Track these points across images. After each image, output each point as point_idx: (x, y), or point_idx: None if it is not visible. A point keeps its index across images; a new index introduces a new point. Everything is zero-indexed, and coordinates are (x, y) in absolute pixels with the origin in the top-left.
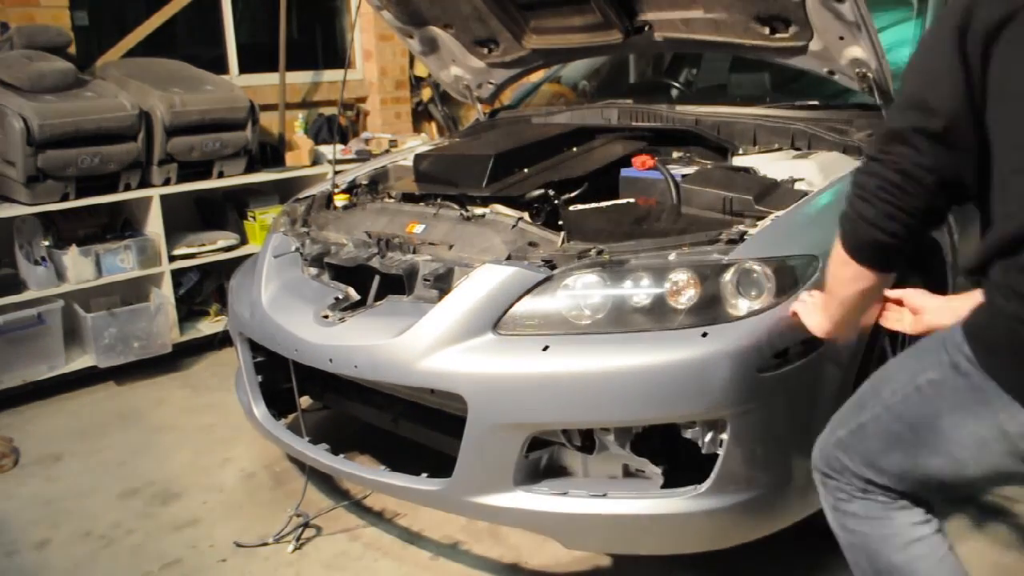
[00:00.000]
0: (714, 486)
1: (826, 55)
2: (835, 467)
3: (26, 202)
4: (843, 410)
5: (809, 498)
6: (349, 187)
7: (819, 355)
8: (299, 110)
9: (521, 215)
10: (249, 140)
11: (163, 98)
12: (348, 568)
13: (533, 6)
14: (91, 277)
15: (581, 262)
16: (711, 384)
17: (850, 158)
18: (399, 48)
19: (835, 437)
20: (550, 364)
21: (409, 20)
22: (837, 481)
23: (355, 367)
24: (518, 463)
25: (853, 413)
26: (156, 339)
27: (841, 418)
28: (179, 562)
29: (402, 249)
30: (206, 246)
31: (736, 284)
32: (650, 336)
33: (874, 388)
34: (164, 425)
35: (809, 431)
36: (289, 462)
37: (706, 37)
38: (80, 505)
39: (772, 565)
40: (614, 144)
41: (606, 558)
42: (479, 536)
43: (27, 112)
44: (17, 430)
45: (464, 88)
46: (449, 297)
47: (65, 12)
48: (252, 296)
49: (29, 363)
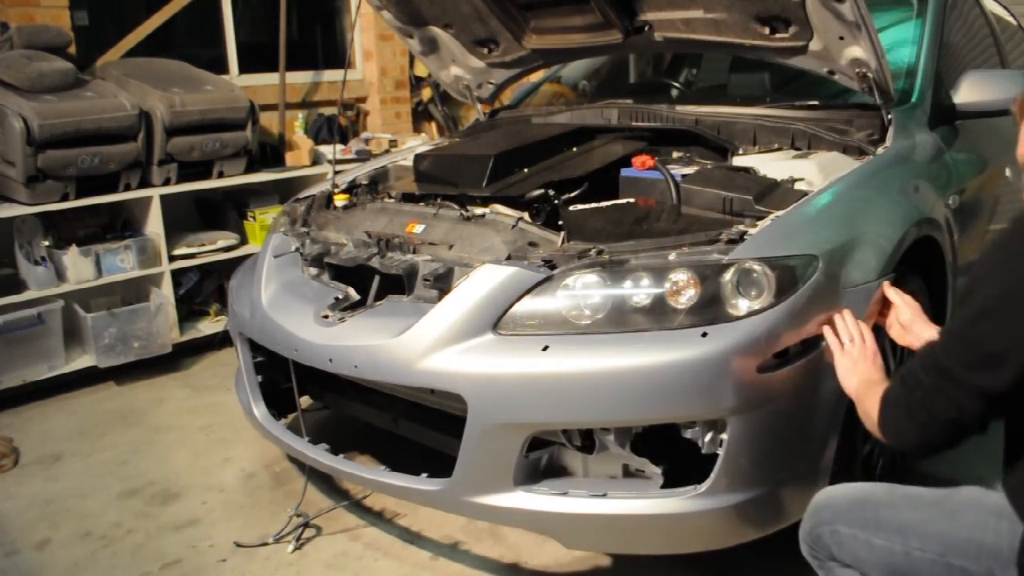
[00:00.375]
0: (714, 486)
1: (826, 55)
2: (820, 547)
3: (26, 202)
4: (851, 501)
5: (809, 497)
6: (349, 187)
7: (819, 355)
8: (299, 110)
9: (521, 215)
10: (249, 140)
11: (163, 98)
12: (348, 568)
13: (533, 6)
14: (91, 277)
15: (581, 262)
16: (711, 384)
17: (850, 158)
18: (399, 48)
19: (833, 528)
20: (550, 364)
21: (409, 20)
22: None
23: (355, 367)
24: (518, 463)
25: (864, 521)
26: (156, 339)
27: (847, 511)
28: (179, 562)
29: (402, 249)
30: (206, 246)
31: (736, 284)
32: (650, 336)
33: (900, 518)
34: (164, 425)
35: (809, 431)
36: (289, 462)
37: (706, 37)
38: (80, 505)
39: (772, 565)
40: (614, 144)
41: (606, 558)
42: (479, 536)
43: (27, 112)
44: (17, 430)
45: (464, 88)
46: (449, 297)
47: (65, 12)
48: (252, 296)
49: (29, 363)
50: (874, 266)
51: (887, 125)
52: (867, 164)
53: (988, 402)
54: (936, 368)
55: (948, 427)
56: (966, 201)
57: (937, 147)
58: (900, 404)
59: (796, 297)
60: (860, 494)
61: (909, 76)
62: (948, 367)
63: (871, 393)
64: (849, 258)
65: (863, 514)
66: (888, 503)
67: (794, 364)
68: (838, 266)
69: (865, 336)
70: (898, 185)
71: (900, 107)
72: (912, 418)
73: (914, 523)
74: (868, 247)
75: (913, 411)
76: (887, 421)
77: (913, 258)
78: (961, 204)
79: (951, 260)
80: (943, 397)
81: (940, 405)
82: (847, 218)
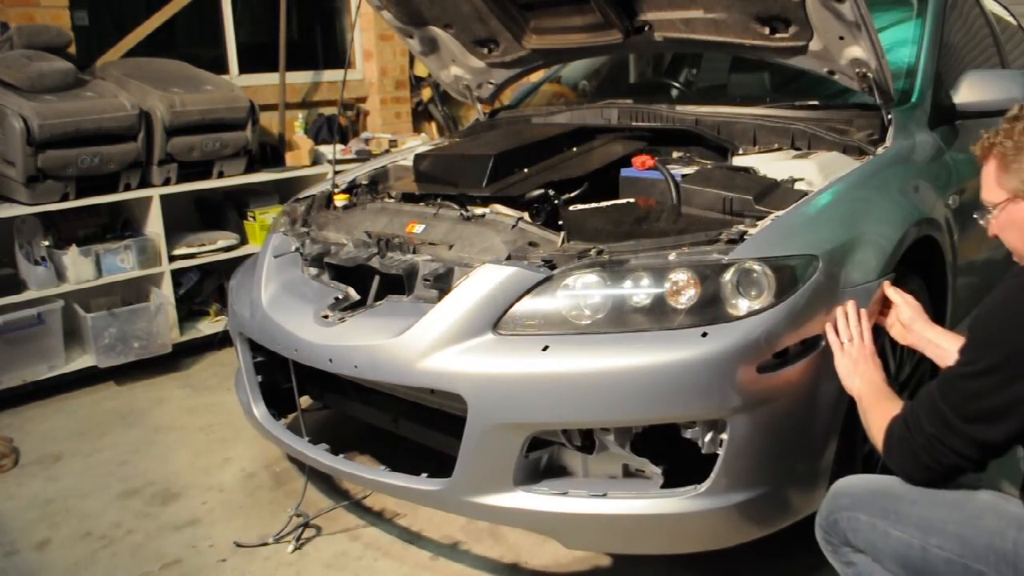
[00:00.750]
0: (714, 486)
1: (826, 55)
2: (835, 532)
3: (26, 202)
4: (871, 491)
5: (809, 497)
6: (349, 187)
7: (819, 355)
8: (299, 110)
9: (521, 215)
10: (249, 140)
11: (163, 98)
12: (348, 568)
13: (533, 6)
14: (91, 277)
15: (581, 262)
16: (711, 384)
17: (850, 158)
18: (399, 48)
19: (851, 515)
20: (550, 364)
21: (409, 20)
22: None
23: (355, 367)
24: (518, 463)
25: (883, 510)
26: (156, 339)
27: (867, 500)
28: (179, 562)
29: (402, 249)
30: (206, 246)
31: (736, 284)
32: (650, 336)
33: (920, 514)
34: (164, 425)
35: (809, 431)
36: (289, 462)
37: (706, 37)
38: (80, 505)
39: (772, 564)
40: (614, 144)
41: (606, 558)
42: (479, 536)
43: (27, 112)
44: (17, 430)
45: (464, 88)
46: (449, 297)
47: (65, 12)
48: (252, 296)
49: (29, 363)
50: (874, 266)
51: (887, 125)
52: (867, 164)
53: (986, 451)
54: (938, 416)
55: (951, 470)
56: (966, 201)
57: (937, 147)
58: (904, 445)
59: (796, 297)
60: (880, 485)
61: (909, 76)
62: (948, 418)
63: (875, 406)
64: (849, 258)
65: (882, 504)
66: (909, 498)
67: (794, 364)
68: (838, 266)
69: (864, 336)
70: (898, 185)
71: (900, 107)
72: (916, 460)
73: (934, 521)
74: (868, 247)
75: (917, 455)
76: (891, 455)
77: (913, 258)
78: (961, 204)
79: (951, 260)
80: (943, 446)
81: (941, 453)
82: (847, 218)
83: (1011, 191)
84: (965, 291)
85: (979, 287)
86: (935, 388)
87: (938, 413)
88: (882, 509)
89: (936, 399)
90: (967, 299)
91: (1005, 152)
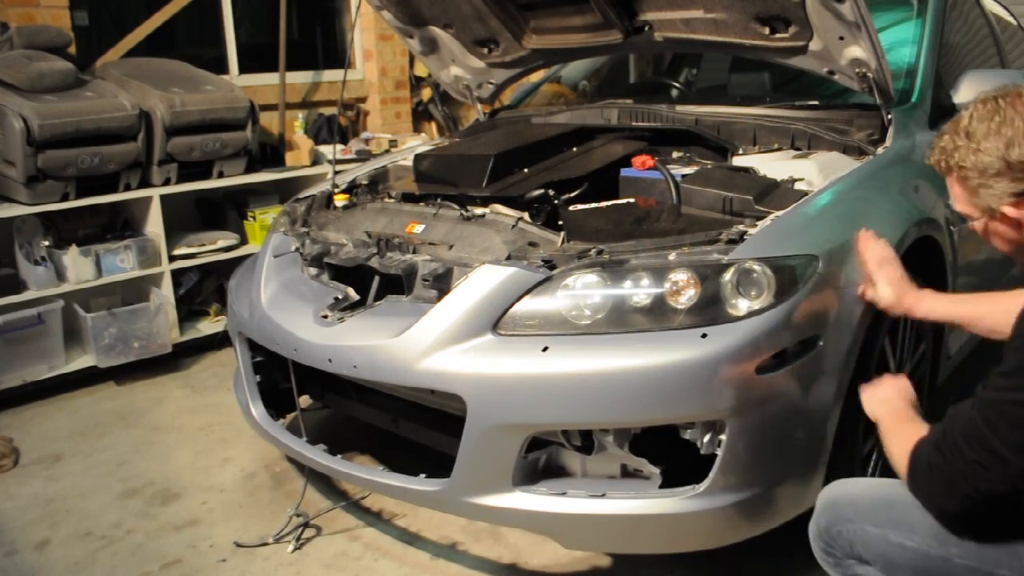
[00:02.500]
0: (712, 486)
1: (826, 55)
2: (837, 544)
3: (26, 202)
4: (877, 500)
5: (805, 496)
6: (349, 187)
7: (817, 355)
8: (299, 110)
9: (521, 215)
10: (249, 140)
11: (163, 98)
12: (348, 568)
13: (533, 6)
14: (91, 277)
15: (581, 262)
16: (710, 384)
17: (850, 158)
18: (399, 48)
19: (858, 527)
20: (550, 364)
21: (409, 20)
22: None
23: (354, 367)
24: (517, 463)
25: (894, 521)
26: (156, 339)
27: (873, 511)
28: (179, 562)
29: (402, 249)
30: (206, 246)
31: (736, 284)
32: (650, 336)
33: (936, 523)
34: (164, 425)
35: (807, 431)
36: (289, 462)
37: (706, 37)
38: (80, 505)
39: (770, 563)
40: (614, 144)
41: (605, 558)
42: (478, 536)
43: (27, 112)
44: (17, 430)
45: (464, 88)
46: (448, 297)
47: (65, 12)
48: (252, 296)
49: (29, 363)
50: None
51: (887, 125)
52: (867, 164)
53: None
54: (981, 444)
55: (992, 500)
56: None
57: None
58: (935, 471)
59: (796, 297)
60: (882, 493)
61: (909, 76)
62: (994, 447)
63: (898, 433)
64: (849, 258)
65: (891, 514)
66: (919, 506)
67: (793, 364)
68: (838, 266)
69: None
70: (898, 185)
71: (900, 107)
72: (951, 488)
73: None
74: None
75: (954, 482)
76: (918, 483)
77: (913, 258)
78: None
79: (951, 260)
80: (989, 474)
81: (985, 482)
82: (847, 218)
83: (984, 211)
84: (965, 291)
85: (979, 287)
86: (977, 413)
87: (981, 440)
88: (892, 520)
89: (979, 424)
90: None
91: (967, 176)
